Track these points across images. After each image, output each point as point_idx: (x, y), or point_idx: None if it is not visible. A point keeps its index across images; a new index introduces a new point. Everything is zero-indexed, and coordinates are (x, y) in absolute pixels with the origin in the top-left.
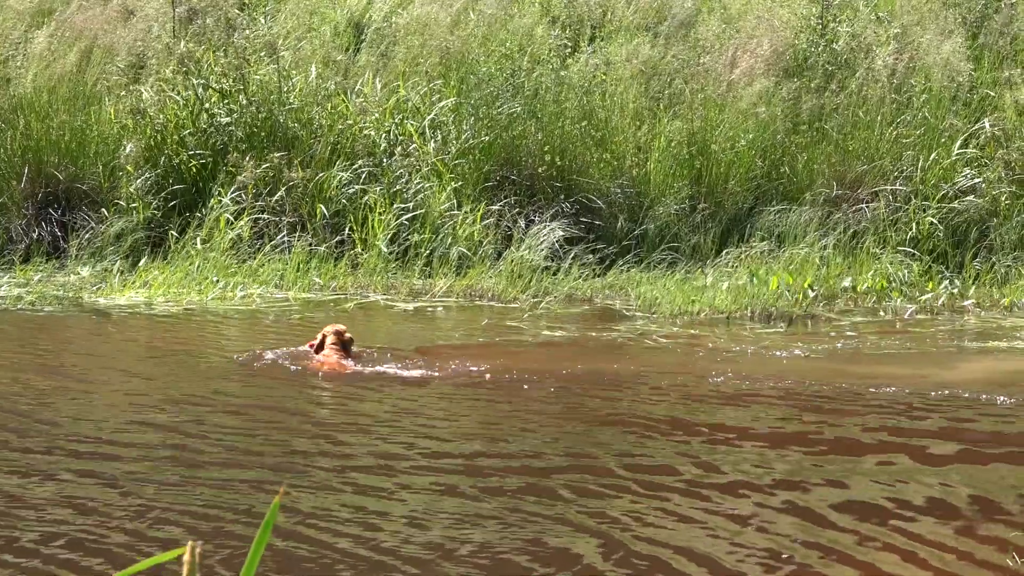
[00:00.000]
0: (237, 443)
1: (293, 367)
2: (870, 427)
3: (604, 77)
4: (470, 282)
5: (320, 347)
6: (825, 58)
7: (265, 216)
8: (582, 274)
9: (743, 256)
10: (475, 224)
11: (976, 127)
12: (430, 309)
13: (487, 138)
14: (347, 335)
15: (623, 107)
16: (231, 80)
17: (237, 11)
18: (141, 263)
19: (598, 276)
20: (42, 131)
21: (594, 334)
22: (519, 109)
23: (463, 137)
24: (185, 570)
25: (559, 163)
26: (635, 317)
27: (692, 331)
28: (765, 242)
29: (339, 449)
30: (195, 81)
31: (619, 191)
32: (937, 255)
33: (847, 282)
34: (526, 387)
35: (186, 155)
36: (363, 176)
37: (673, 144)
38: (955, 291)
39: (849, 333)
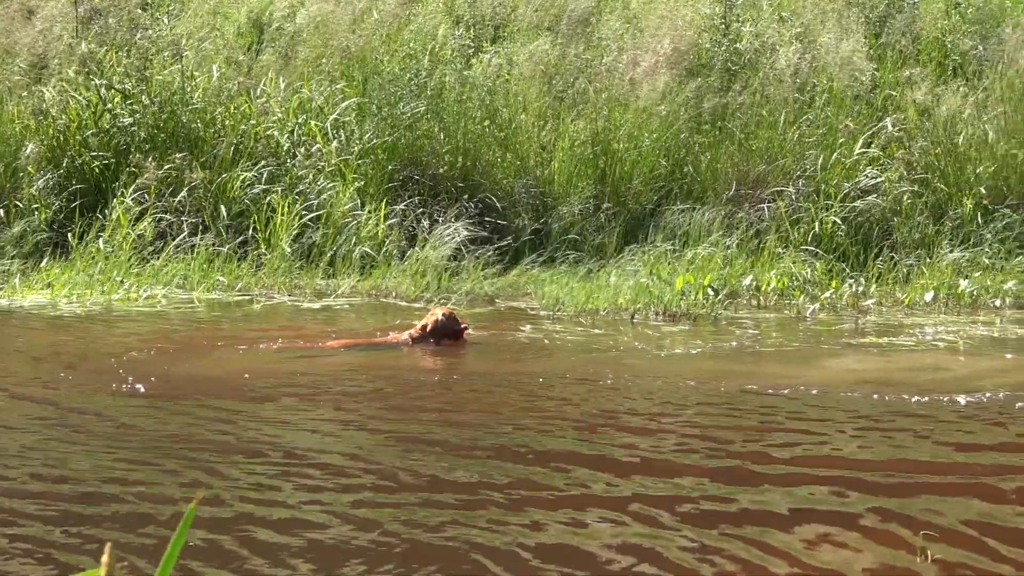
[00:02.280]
0: (153, 444)
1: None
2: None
3: (507, 77)
4: (374, 282)
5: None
6: (728, 57)
7: (168, 216)
8: (486, 274)
9: (647, 255)
10: (379, 224)
11: (879, 127)
12: (336, 307)
13: (390, 138)
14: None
15: (526, 107)
16: (134, 80)
17: (140, 11)
18: (43, 263)
19: (502, 276)
20: None
21: (498, 333)
22: (422, 109)
23: (366, 137)
24: (103, 571)
25: (462, 163)
26: (539, 316)
27: (596, 330)
28: (668, 241)
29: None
30: (97, 82)
31: (523, 191)
32: (840, 254)
33: (749, 281)
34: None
35: (88, 156)
36: (266, 176)
37: (576, 144)
38: (858, 290)
39: (752, 332)
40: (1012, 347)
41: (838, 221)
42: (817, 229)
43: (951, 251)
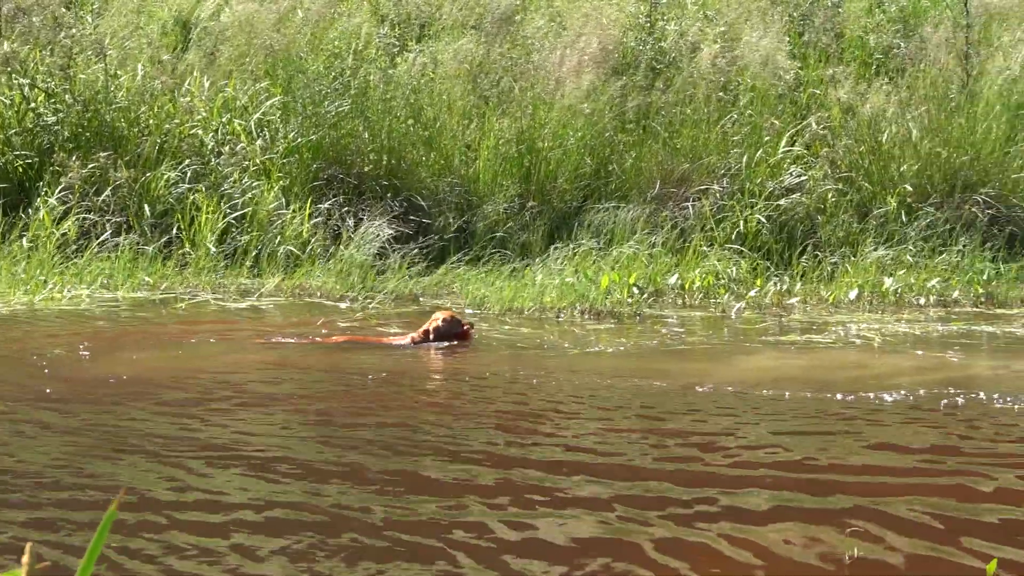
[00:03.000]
0: (76, 444)
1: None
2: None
3: (432, 76)
4: (299, 281)
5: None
6: (653, 56)
7: (92, 216)
8: (411, 272)
9: (572, 254)
10: (303, 223)
11: (803, 125)
12: (261, 307)
13: (315, 137)
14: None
15: (451, 105)
16: (57, 79)
17: (64, 9)
18: None
19: (427, 274)
20: None
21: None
22: (347, 108)
23: (290, 136)
24: (23, 572)
25: (387, 162)
26: (465, 315)
27: (523, 329)
28: (594, 240)
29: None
30: (21, 81)
31: (448, 189)
32: (765, 252)
33: (674, 279)
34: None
35: (12, 155)
36: (190, 175)
37: (501, 142)
38: (782, 288)
39: (677, 330)
40: (932, 345)
41: (763, 219)
42: (742, 227)
43: (875, 249)
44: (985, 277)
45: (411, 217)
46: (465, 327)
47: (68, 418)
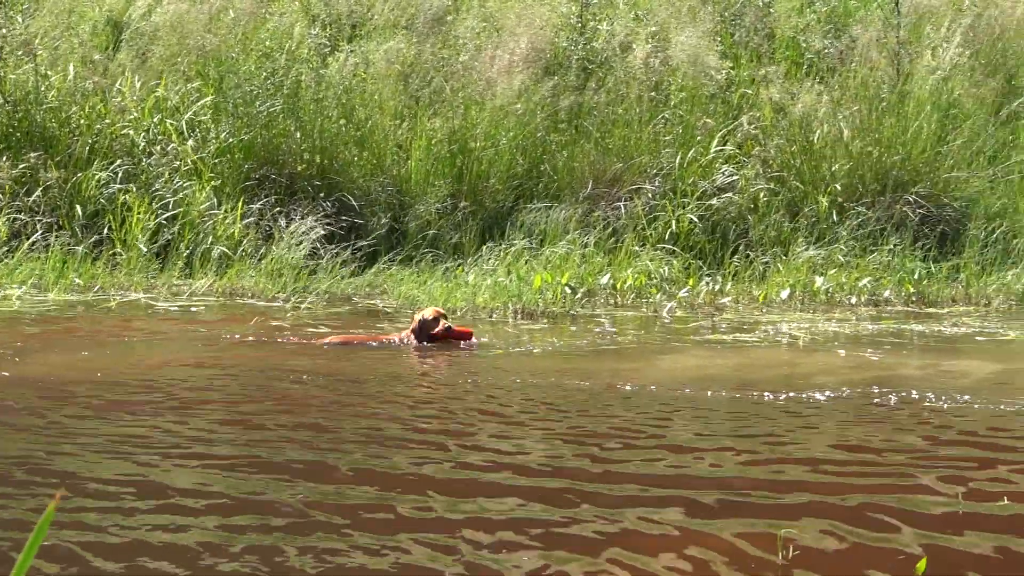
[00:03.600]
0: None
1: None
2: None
3: (363, 76)
4: (230, 281)
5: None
6: (584, 56)
7: (22, 216)
8: (343, 273)
9: (504, 254)
10: (235, 223)
11: (735, 125)
12: (193, 308)
13: (246, 137)
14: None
15: (382, 105)
16: None
17: None
18: None
19: (359, 275)
20: None
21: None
22: (278, 108)
23: (222, 136)
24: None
25: (319, 162)
26: (397, 315)
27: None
28: (526, 240)
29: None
30: None
31: (379, 189)
32: (697, 252)
33: (606, 279)
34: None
35: None
36: (121, 175)
37: (433, 142)
38: (714, 287)
39: (609, 330)
40: (861, 344)
41: (695, 219)
42: (674, 227)
43: (807, 249)
44: (916, 276)
45: (343, 217)
46: (448, 325)
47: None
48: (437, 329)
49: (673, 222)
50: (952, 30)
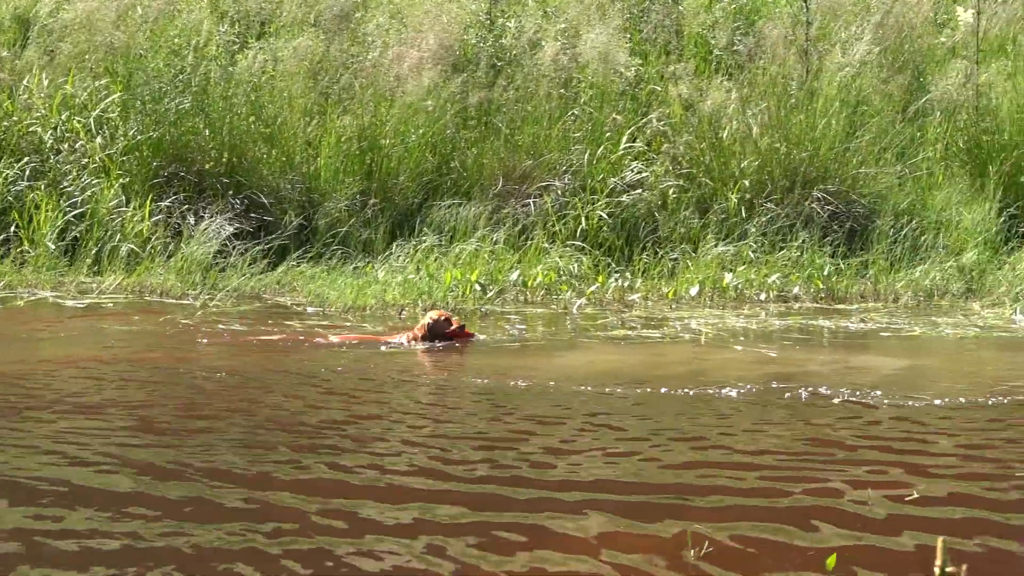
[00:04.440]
0: None
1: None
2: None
3: (272, 73)
4: (139, 279)
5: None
6: (493, 53)
7: None
8: (253, 270)
9: (414, 251)
10: (144, 220)
11: (644, 122)
12: (101, 306)
13: (155, 134)
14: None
15: (291, 103)
16: None
17: None
18: None
19: (269, 272)
20: None
21: (264, 329)
22: (187, 105)
23: (130, 133)
24: None
25: (228, 159)
26: (307, 313)
27: (365, 326)
28: (436, 236)
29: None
30: None
31: (289, 187)
32: (606, 249)
33: (516, 276)
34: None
35: None
36: (28, 173)
37: (343, 139)
38: (623, 284)
39: (519, 327)
40: (768, 339)
41: (604, 216)
42: (584, 224)
43: (716, 245)
44: (825, 273)
45: (252, 214)
46: (455, 326)
47: None
48: (452, 328)
49: (583, 219)
50: (861, 27)
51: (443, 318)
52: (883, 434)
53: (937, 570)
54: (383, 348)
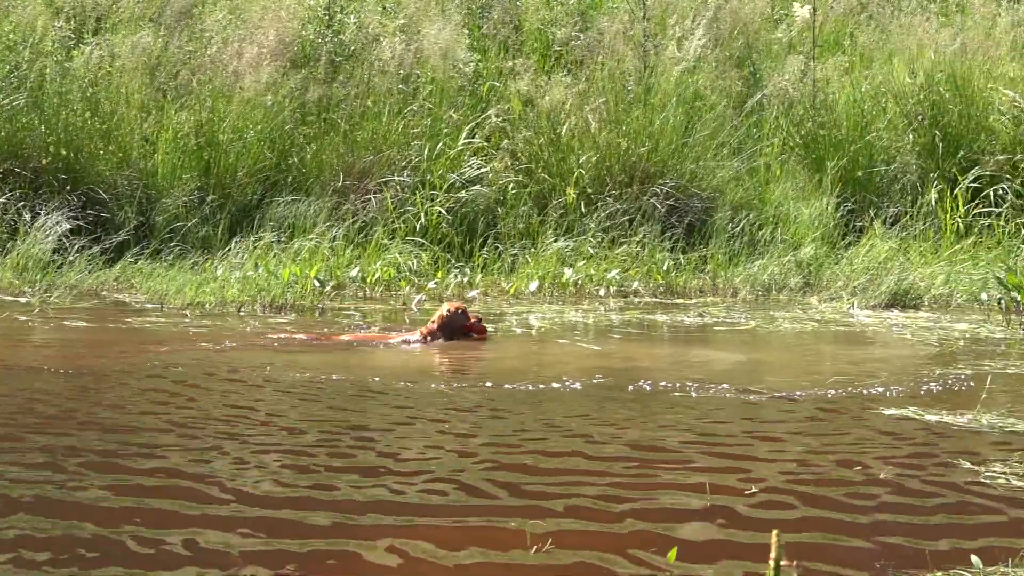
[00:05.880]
0: None
1: None
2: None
3: (109, 69)
4: None
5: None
6: (332, 49)
7: None
8: (91, 267)
9: (253, 247)
10: None
11: (483, 117)
12: None
13: None
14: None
15: (129, 99)
16: None
17: None
18: None
19: (107, 269)
20: None
21: (103, 326)
22: (22, 101)
23: None
24: None
25: (65, 155)
26: (145, 310)
27: (206, 321)
28: (275, 233)
29: None
30: None
31: (126, 183)
32: (446, 244)
33: (355, 272)
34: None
35: None
36: None
37: (181, 135)
38: (463, 280)
39: (358, 322)
40: (604, 334)
41: (444, 212)
42: (423, 220)
43: (555, 240)
44: (664, 267)
45: (89, 211)
46: (473, 320)
47: None
48: (471, 322)
49: (422, 215)
50: (696, 22)
51: (460, 310)
52: (721, 428)
53: (772, 563)
54: (403, 347)
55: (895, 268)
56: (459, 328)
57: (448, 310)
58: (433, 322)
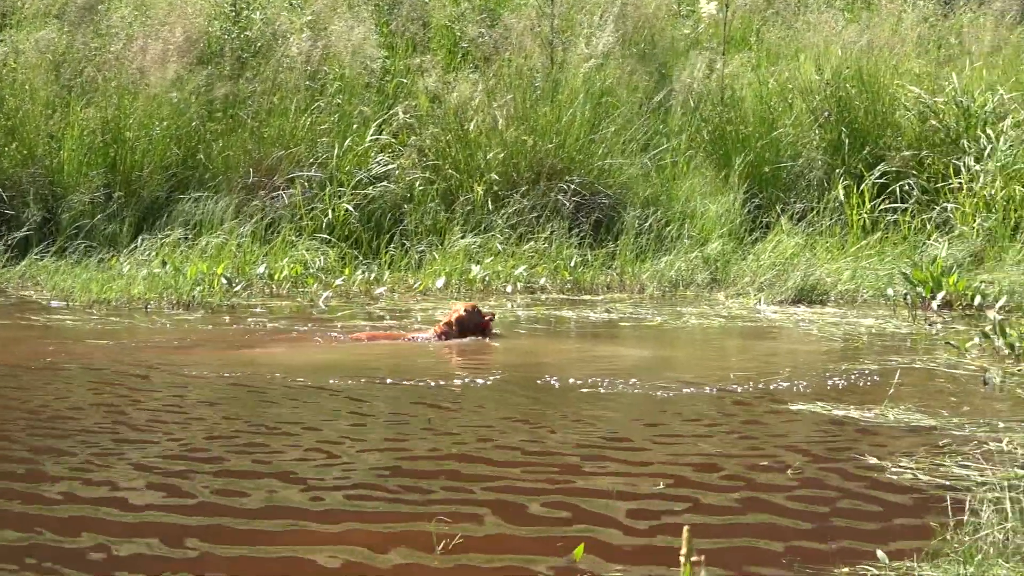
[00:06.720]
0: None
1: None
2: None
3: (13, 65)
4: None
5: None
6: (239, 46)
7: None
8: None
9: (160, 245)
10: None
11: (390, 114)
12: None
13: None
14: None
15: (33, 95)
16: None
17: None
18: None
19: (11, 266)
20: None
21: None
22: None
23: None
24: None
25: None
26: (52, 308)
27: (113, 319)
28: (181, 230)
29: None
30: None
31: (31, 180)
32: (353, 241)
33: (263, 269)
34: None
35: None
36: None
37: (86, 132)
38: (370, 276)
39: (263, 320)
40: (511, 330)
41: (351, 208)
42: (331, 216)
43: (463, 237)
44: (572, 264)
45: None
46: (487, 318)
47: None
48: (485, 320)
49: (330, 211)
50: (604, 18)
51: (476, 309)
52: (628, 423)
53: (682, 558)
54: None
55: (802, 264)
56: (475, 326)
57: (465, 310)
58: (448, 321)
